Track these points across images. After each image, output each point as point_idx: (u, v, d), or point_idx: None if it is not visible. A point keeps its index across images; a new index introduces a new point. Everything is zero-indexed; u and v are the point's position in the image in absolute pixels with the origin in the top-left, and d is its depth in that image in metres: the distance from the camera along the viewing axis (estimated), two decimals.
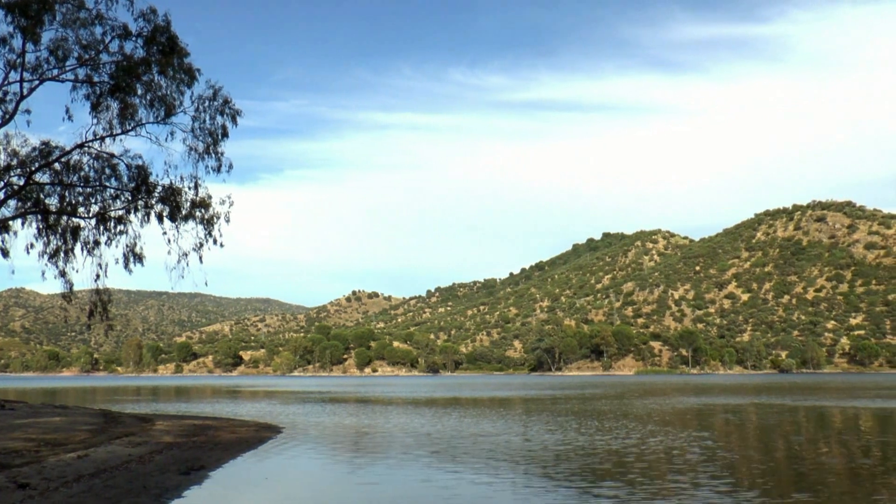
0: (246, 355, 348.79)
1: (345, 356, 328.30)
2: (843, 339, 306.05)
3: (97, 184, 39.89)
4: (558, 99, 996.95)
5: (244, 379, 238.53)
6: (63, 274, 40.79)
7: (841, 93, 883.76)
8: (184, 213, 40.14)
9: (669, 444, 34.08)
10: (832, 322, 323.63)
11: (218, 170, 40.90)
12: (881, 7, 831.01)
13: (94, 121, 38.84)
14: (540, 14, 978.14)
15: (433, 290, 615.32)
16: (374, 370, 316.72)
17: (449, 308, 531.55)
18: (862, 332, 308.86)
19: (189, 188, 40.28)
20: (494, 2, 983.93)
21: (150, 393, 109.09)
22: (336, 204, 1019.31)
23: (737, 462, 28.01)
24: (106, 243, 40.27)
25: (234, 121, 40.77)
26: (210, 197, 40.67)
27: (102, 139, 39.30)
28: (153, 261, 41.33)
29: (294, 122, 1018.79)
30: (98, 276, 40.44)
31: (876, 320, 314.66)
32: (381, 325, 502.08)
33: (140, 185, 39.66)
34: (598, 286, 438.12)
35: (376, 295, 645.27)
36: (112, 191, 40.23)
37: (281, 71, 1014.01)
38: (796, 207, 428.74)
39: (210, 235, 40.66)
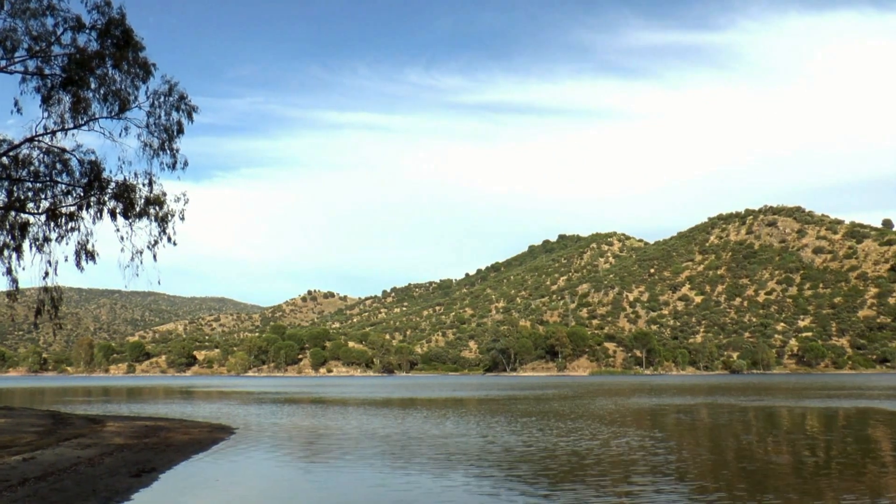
0: (200, 355, 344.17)
1: (300, 356, 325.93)
2: (792, 341, 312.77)
3: (48, 179, 39.00)
4: (513, 101, 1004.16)
5: (198, 379, 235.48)
6: (10, 272, 39.79)
7: (789, 100, 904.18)
8: (138, 210, 39.43)
9: (624, 444, 34.48)
10: (781, 324, 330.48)
11: (173, 167, 40.25)
12: (826, 18, 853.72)
13: (45, 114, 37.96)
14: (495, 17, 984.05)
15: (389, 291, 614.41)
16: (329, 370, 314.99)
17: (404, 308, 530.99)
18: (809, 333, 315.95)
19: (143, 185, 39.55)
20: (450, 4, 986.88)
21: (101, 393, 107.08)
22: (292, 203, 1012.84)
23: (689, 461, 28.45)
24: (57, 240, 39.37)
25: (189, 117, 40.17)
26: (165, 194, 40.01)
27: (53, 133, 38.43)
28: (106, 258, 40.57)
29: (249, 120, 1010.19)
30: (47, 273, 39.49)
31: (823, 322, 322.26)
32: (337, 325, 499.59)
33: (93, 181, 38.84)
34: (554, 287, 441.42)
35: (332, 295, 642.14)
36: (63, 186, 39.36)
37: (236, 68, 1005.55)
38: (748, 212, 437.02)
39: (164, 233, 39.99)
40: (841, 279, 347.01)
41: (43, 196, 39.48)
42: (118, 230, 39.56)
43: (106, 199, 39.37)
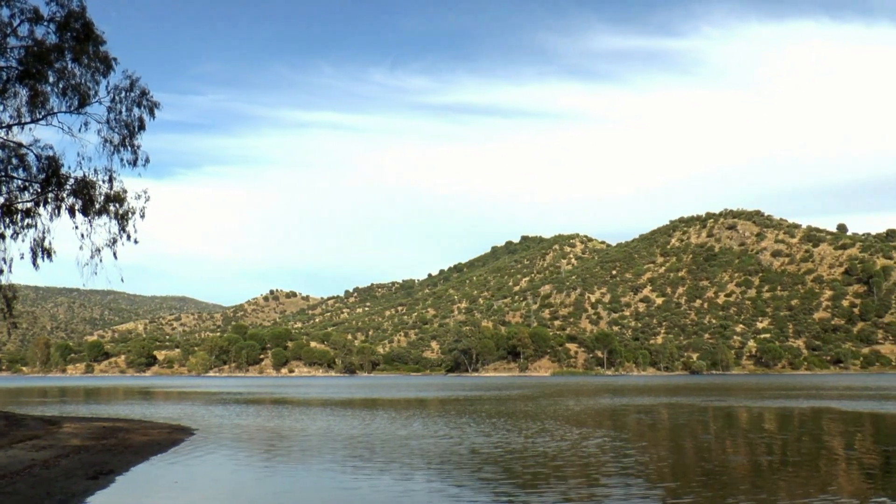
0: (160, 355, 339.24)
1: (261, 356, 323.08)
2: (751, 342, 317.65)
3: (2, 174, 38.20)
4: (479, 103, 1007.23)
5: (158, 379, 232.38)
6: None
7: (749, 106, 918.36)
8: (97, 207, 38.78)
9: (586, 444, 34.76)
10: (740, 325, 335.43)
11: (134, 163, 39.68)
12: (785, 26, 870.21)
13: (1, 108, 37.21)
14: (461, 18, 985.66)
15: (351, 291, 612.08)
16: (291, 370, 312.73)
17: (367, 308, 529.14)
18: (767, 335, 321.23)
19: (103, 181, 38.92)
20: (416, 4, 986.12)
21: (57, 394, 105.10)
22: (255, 201, 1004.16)
23: (649, 461, 28.77)
24: (12, 237, 38.60)
25: (151, 113, 39.63)
26: (125, 191, 39.41)
27: (9, 128, 37.66)
28: (64, 256, 39.80)
29: (212, 117, 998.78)
30: (1, 271, 38.73)
31: (780, 324, 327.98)
32: (299, 324, 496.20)
33: (50, 176, 38.11)
34: (516, 288, 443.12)
35: (294, 294, 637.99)
36: (20, 182, 38.59)
37: (200, 65, 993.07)
38: (709, 215, 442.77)
39: (125, 231, 39.39)
40: (798, 282, 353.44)
41: None
42: (77, 227, 38.89)
43: (64, 195, 38.67)
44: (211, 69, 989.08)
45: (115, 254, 39.32)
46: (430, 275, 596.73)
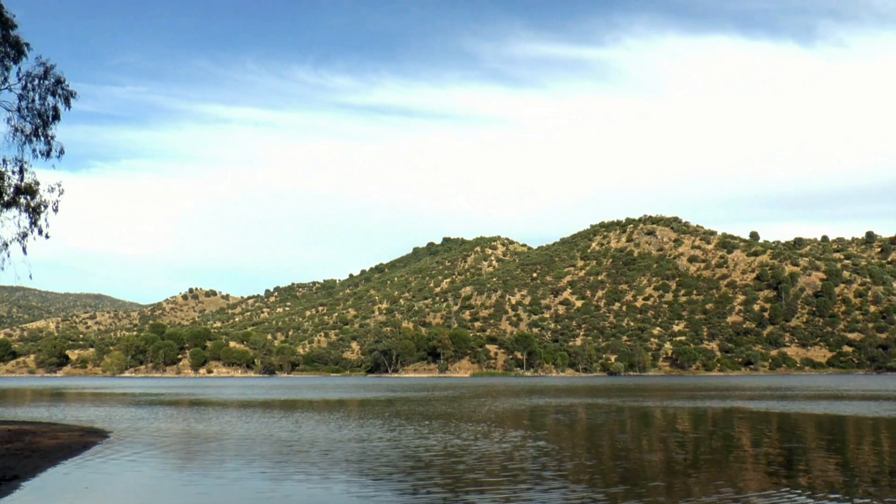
0: (73, 355, 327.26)
1: (179, 356, 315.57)
2: (667, 345, 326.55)
3: None
4: (402, 104, 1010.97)
5: (70, 380, 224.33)
6: None
7: (667, 115, 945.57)
8: (6, 199, 37.24)
9: (505, 444, 35.15)
10: (657, 328, 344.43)
11: (47, 154, 38.24)
12: (701, 40, 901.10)
13: None
14: (386, 20, 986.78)
15: (272, 290, 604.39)
16: (210, 371, 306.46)
17: (287, 308, 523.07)
18: (683, 337, 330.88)
19: (14, 172, 37.38)
20: (340, 3, 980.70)
21: None
22: (174, 197, 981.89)
23: (566, 459, 29.28)
24: None
25: (67, 103, 38.25)
26: (37, 183, 37.94)
27: None
28: None
29: (131, 110, 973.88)
30: None
31: (695, 327, 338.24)
32: (219, 324, 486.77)
33: None
34: (437, 290, 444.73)
35: (214, 293, 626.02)
36: None
37: (119, 55, 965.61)
38: (629, 221, 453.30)
39: (36, 225, 37.92)
40: (712, 286, 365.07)
41: None
42: None
43: None
44: (130, 60, 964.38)
45: (24, 248, 37.85)
46: (351, 275, 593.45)
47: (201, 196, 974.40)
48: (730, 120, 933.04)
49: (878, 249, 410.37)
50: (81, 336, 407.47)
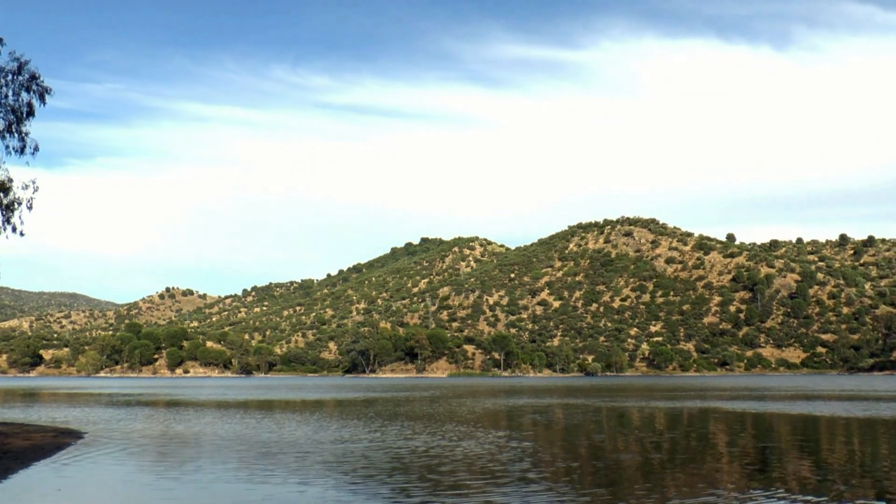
0: (47, 354, 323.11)
1: (156, 356, 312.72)
2: (644, 345, 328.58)
3: None
4: (380, 104, 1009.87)
5: (44, 380, 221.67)
6: None
7: (644, 117, 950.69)
8: None
9: (484, 444, 35.20)
10: (634, 329, 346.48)
11: (21, 151, 37.77)
12: (679, 44, 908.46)
13: None
14: (365, 19, 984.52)
15: (249, 290, 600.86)
16: (186, 371, 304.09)
17: (265, 308, 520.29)
18: (660, 338, 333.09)
19: None
20: (320, 3, 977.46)
21: None
22: (151, 196, 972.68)
23: (544, 459, 29.37)
24: None
25: (41, 99, 37.79)
26: (11, 180, 37.45)
27: None
28: None
29: (108, 107, 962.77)
30: None
31: (672, 328, 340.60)
32: (195, 324, 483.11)
33: None
34: (415, 290, 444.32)
35: (191, 293, 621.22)
36: None
37: (96, 52, 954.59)
38: (607, 222, 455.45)
39: (9, 223, 37.43)
40: (689, 288, 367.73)
41: None
42: None
43: None
44: (107, 57, 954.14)
45: None
46: (329, 275, 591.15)
47: (178, 195, 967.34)
48: (707, 123, 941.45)
49: (851, 252, 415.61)
50: (55, 335, 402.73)
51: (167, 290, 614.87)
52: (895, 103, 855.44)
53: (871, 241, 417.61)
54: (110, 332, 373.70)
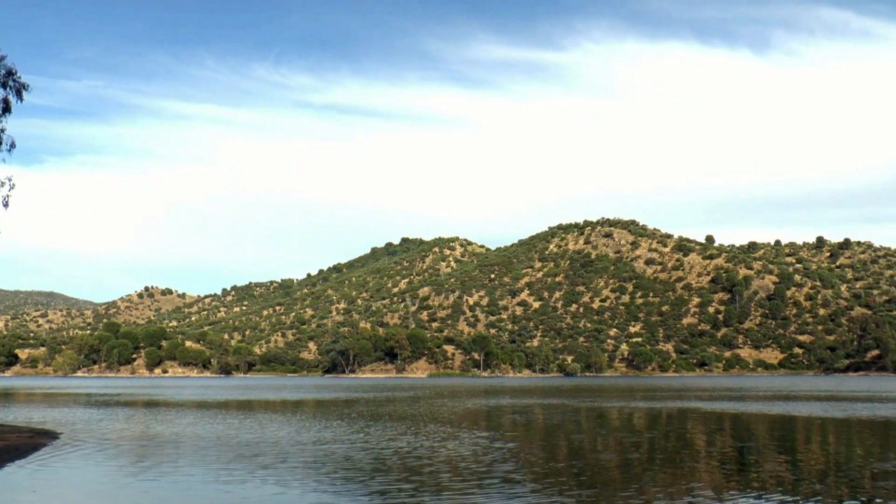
0: (23, 354, 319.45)
1: (134, 356, 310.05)
2: (623, 346, 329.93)
3: None
4: (361, 104, 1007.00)
5: (20, 380, 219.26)
6: None
7: (625, 118, 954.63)
8: None
9: (468, 445, 35.23)
10: (614, 329, 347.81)
11: None
12: (658, 46, 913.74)
13: None
14: (347, 19, 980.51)
15: (229, 289, 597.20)
16: (165, 371, 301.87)
17: (244, 308, 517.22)
18: (639, 339, 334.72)
19: None
20: (301, 2, 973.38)
21: None
22: (130, 194, 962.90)
23: (524, 459, 29.44)
24: None
25: (19, 95, 37.42)
26: None
27: None
28: None
29: (87, 104, 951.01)
30: None
31: (651, 329, 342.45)
32: (175, 323, 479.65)
33: None
34: (395, 290, 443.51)
35: (170, 292, 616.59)
36: None
37: (75, 48, 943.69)
38: (587, 223, 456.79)
39: None
40: (668, 289, 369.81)
41: None
42: None
43: None
44: (87, 54, 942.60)
45: None
46: (309, 274, 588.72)
47: (158, 193, 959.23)
48: (687, 125, 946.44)
49: (828, 254, 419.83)
50: (32, 335, 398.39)
51: (146, 289, 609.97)
52: (871, 108, 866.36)
53: (847, 244, 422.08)
54: (88, 332, 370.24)
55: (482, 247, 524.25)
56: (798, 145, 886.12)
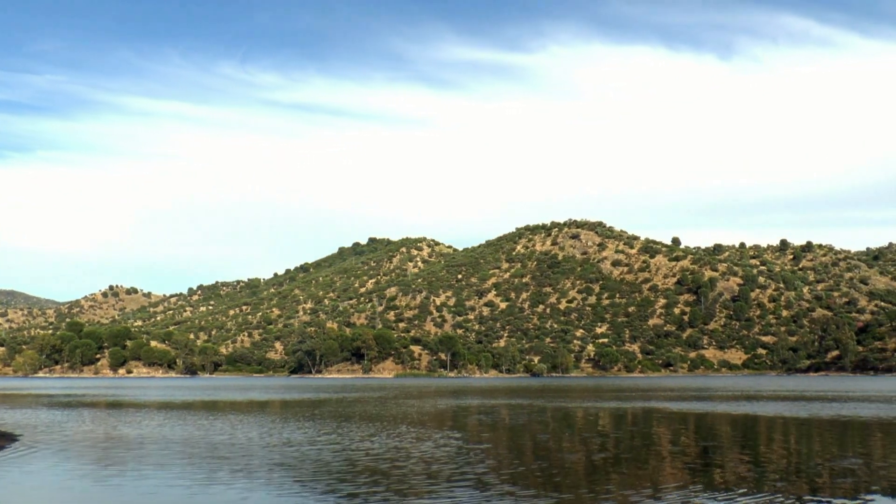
0: None
1: (98, 356, 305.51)
2: (590, 346, 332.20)
3: None
4: (328, 103, 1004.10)
5: None
6: None
7: (592, 120, 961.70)
8: None
9: (431, 445, 35.24)
10: (580, 330, 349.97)
11: None
12: (625, 50, 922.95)
13: None
14: (314, 18, 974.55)
15: (195, 288, 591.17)
16: (130, 371, 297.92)
17: (211, 307, 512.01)
18: (605, 339, 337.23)
19: None
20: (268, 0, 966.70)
21: None
22: (94, 191, 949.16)
23: (490, 459, 29.54)
24: None
25: None
26: None
27: None
28: None
29: (49, 100, 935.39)
30: None
31: (617, 330, 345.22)
32: (140, 323, 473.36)
33: None
34: (362, 290, 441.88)
35: (135, 291, 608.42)
36: None
37: (37, 42, 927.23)
38: (554, 224, 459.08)
39: None
40: (635, 290, 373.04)
41: None
42: None
43: None
44: (49, 48, 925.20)
45: None
46: (275, 274, 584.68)
47: (122, 190, 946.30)
48: (653, 128, 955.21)
49: (791, 256, 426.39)
50: None
51: (110, 288, 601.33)
52: (833, 114, 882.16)
53: (809, 247, 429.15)
54: (50, 331, 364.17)
55: (449, 247, 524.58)
56: (762, 150, 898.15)
